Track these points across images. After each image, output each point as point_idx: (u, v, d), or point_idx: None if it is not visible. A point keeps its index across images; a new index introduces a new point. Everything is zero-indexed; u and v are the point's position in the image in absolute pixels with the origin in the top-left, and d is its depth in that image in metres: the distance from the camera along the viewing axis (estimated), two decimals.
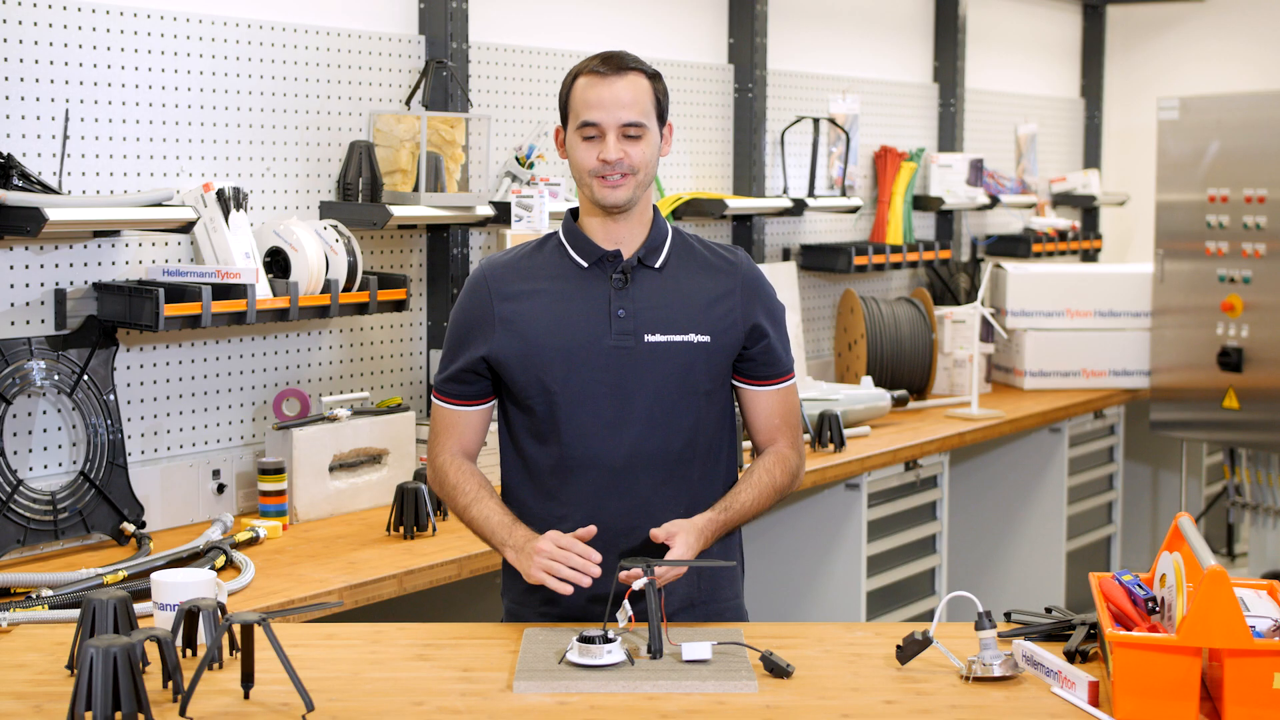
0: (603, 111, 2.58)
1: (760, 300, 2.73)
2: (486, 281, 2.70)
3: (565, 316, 2.65)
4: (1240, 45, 7.19)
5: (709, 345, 2.67)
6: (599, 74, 2.59)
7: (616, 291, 2.65)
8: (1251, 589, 2.47)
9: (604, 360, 2.63)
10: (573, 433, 2.66)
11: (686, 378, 2.66)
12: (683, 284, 2.68)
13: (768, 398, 2.76)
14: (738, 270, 2.73)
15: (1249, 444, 5.83)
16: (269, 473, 3.59)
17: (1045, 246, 6.63)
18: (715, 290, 2.69)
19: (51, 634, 2.70)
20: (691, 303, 2.67)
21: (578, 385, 2.64)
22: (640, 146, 2.60)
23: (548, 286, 2.67)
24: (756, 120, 5.30)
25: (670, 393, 2.66)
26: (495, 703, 2.34)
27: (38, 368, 3.33)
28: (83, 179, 3.46)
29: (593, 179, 2.61)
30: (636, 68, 2.61)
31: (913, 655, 2.49)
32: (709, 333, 2.67)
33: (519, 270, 2.70)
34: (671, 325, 2.65)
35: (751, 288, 2.72)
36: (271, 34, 3.82)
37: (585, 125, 2.59)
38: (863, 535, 4.64)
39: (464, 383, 2.73)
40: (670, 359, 2.65)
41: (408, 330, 4.24)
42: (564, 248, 2.70)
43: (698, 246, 2.75)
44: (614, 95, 2.58)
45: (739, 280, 2.71)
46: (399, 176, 3.99)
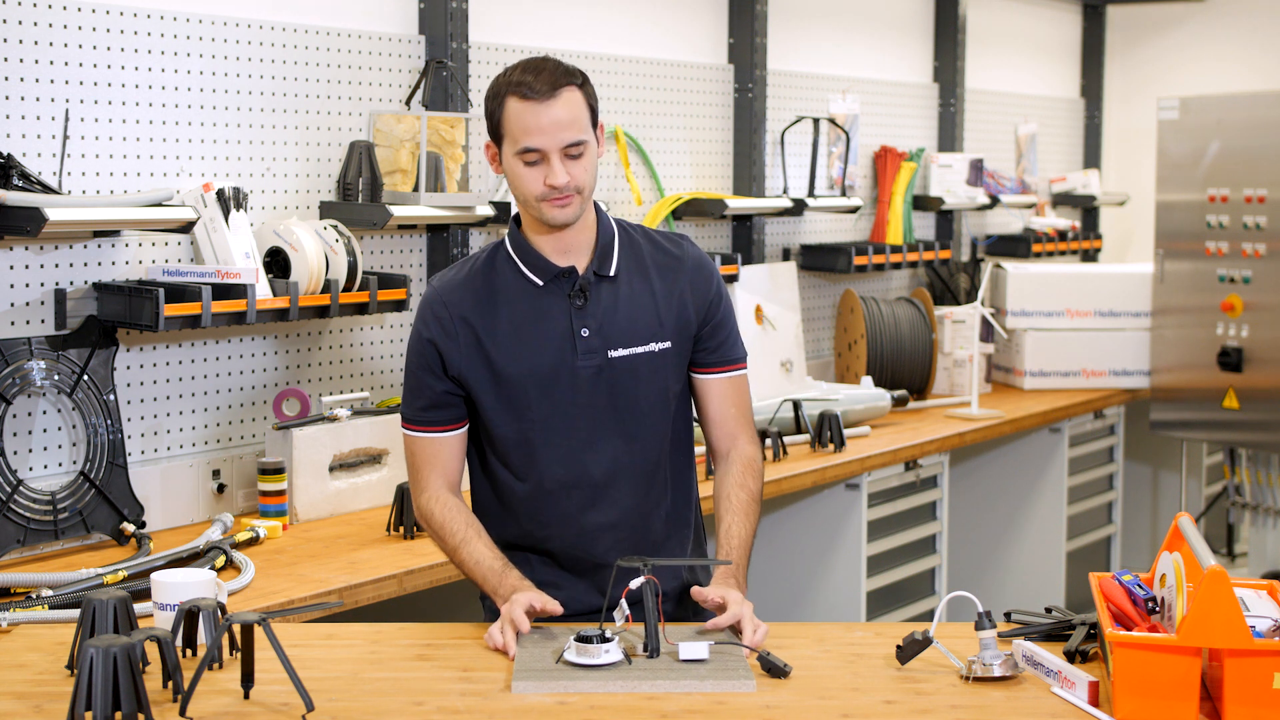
0: (544, 137, 2.50)
1: (707, 290, 2.70)
2: (445, 304, 2.63)
3: (530, 340, 2.61)
4: (1240, 45, 7.19)
5: (670, 350, 2.67)
6: (533, 97, 2.48)
7: (577, 311, 2.61)
8: (1251, 589, 2.47)
9: (574, 381, 2.61)
10: (550, 456, 2.64)
11: (655, 386, 2.66)
12: (637, 291, 2.65)
13: (721, 386, 2.74)
14: (684, 265, 2.70)
15: (1249, 444, 5.83)
16: (269, 473, 3.59)
17: (1045, 246, 6.63)
18: (666, 291, 2.67)
19: (51, 634, 2.70)
20: (648, 310, 2.65)
21: (550, 409, 2.62)
22: (583, 163, 2.54)
23: (507, 310, 2.62)
24: (756, 120, 5.30)
25: (643, 404, 2.66)
26: (495, 703, 2.34)
27: (38, 368, 3.33)
28: (83, 179, 3.46)
29: (540, 202, 2.54)
30: (568, 82, 2.52)
31: (913, 655, 2.49)
32: (669, 337, 2.66)
33: (475, 291, 2.63)
34: (634, 337, 2.63)
35: (698, 279, 2.69)
36: (271, 34, 3.82)
37: (527, 151, 2.51)
38: (863, 535, 4.64)
39: (440, 407, 2.66)
40: (638, 371, 2.64)
41: (408, 330, 4.24)
42: (516, 264, 2.64)
43: (643, 242, 2.70)
44: (553, 118, 2.49)
45: (686, 275, 2.69)
46: (399, 176, 3.99)
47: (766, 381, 5.06)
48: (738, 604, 2.56)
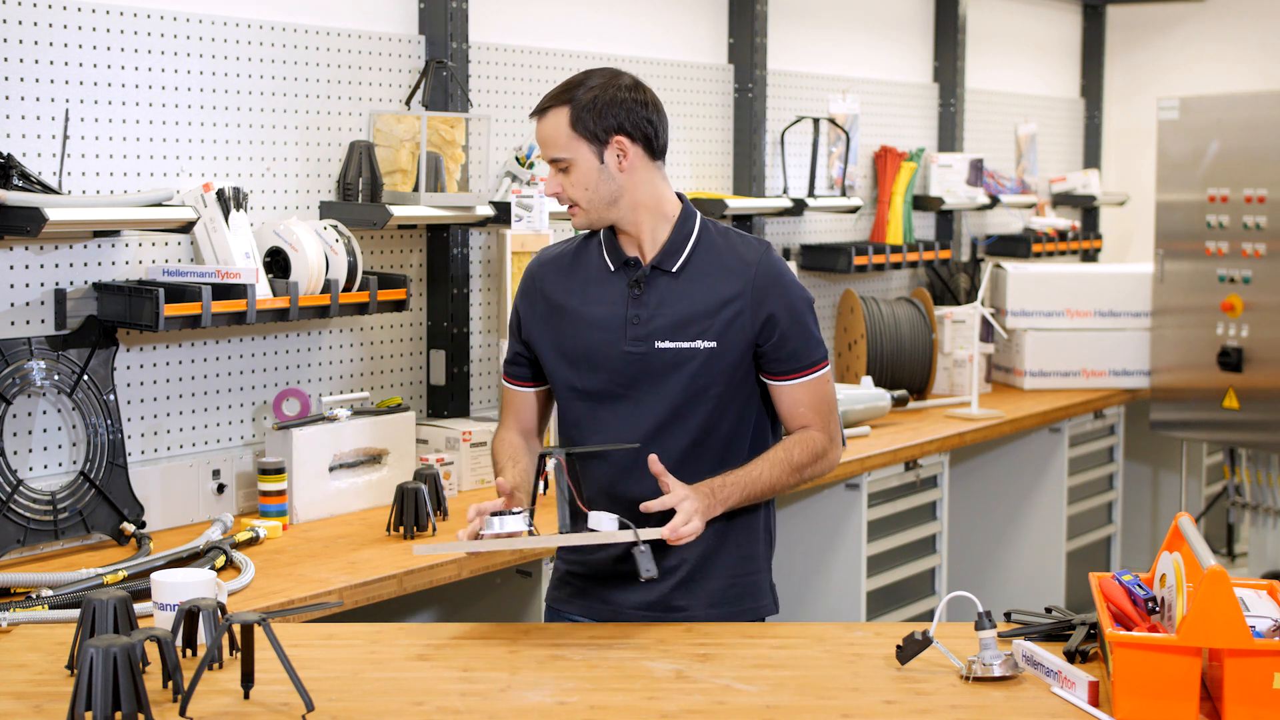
0: (541, 152, 2.76)
1: (773, 297, 2.74)
2: (534, 276, 2.86)
3: (591, 318, 2.77)
4: (1240, 45, 7.19)
5: (715, 350, 2.72)
6: (534, 115, 2.74)
7: (633, 298, 2.75)
8: (1251, 589, 2.47)
9: (619, 364, 2.74)
10: (591, 427, 2.79)
11: (694, 382, 2.73)
12: (696, 289, 2.74)
13: (791, 392, 2.79)
14: (749, 270, 2.75)
15: (1249, 444, 5.83)
16: (269, 473, 3.59)
17: (1045, 246, 6.63)
18: (725, 293, 2.73)
19: (51, 634, 2.70)
20: (701, 308, 2.73)
21: (596, 385, 2.77)
22: (570, 178, 2.70)
23: (582, 288, 2.80)
24: (756, 120, 5.30)
25: (678, 396, 2.74)
26: (495, 703, 2.34)
27: (38, 368, 3.33)
28: (83, 179, 3.46)
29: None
30: (556, 103, 2.69)
31: (913, 655, 2.49)
32: (715, 338, 2.72)
33: (562, 268, 2.83)
34: (680, 332, 2.72)
35: (763, 287, 2.74)
36: (271, 34, 3.82)
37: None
38: (863, 535, 4.64)
39: (518, 365, 2.92)
40: (679, 365, 2.73)
41: (408, 330, 4.24)
42: (601, 249, 2.81)
43: (722, 245, 2.78)
44: (540, 136, 2.73)
45: (750, 281, 2.74)
46: (399, 176, 3.99)
47: None
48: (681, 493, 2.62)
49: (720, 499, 2.70)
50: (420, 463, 3.90)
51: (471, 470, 4.02)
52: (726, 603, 2.84)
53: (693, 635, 2.72)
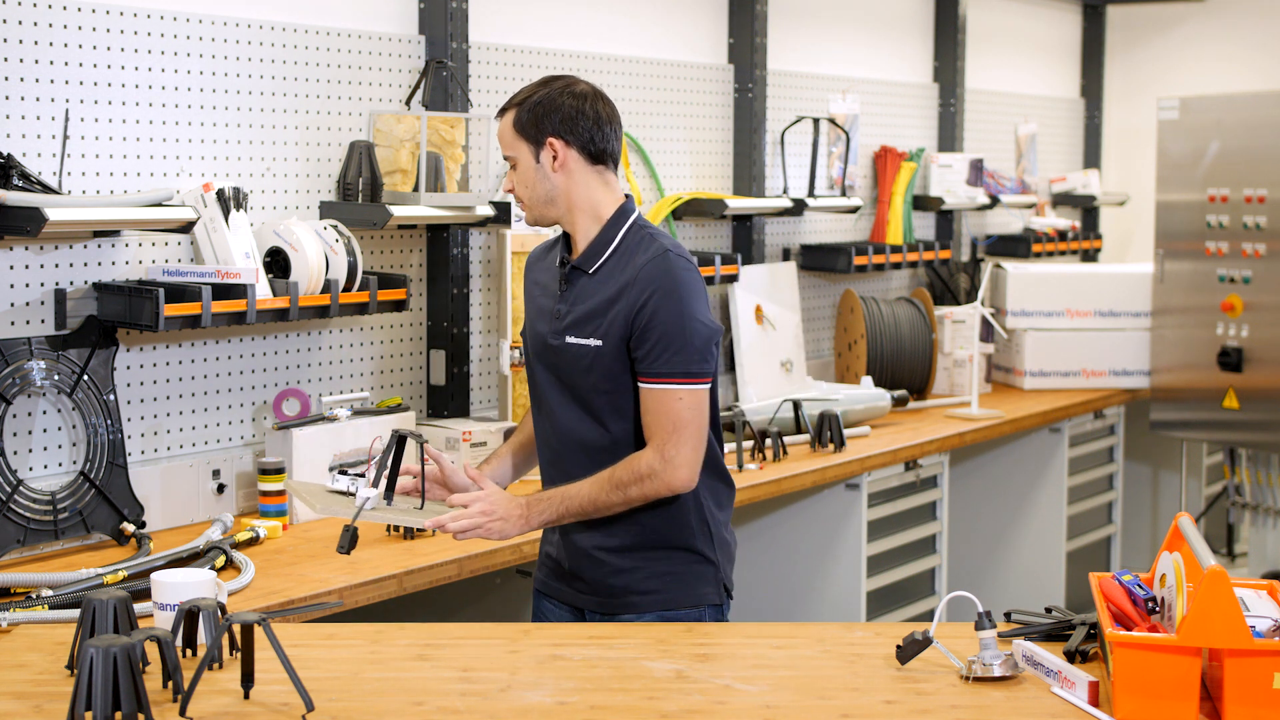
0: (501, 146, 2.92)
1: (649, 301, 2.79)
2: (528, 261, 3.09)
3: (537, 309, 2.98)
4: (1240, 45, 7.19)
5: (601, 349, 2.84)
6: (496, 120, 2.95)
7: (560, 295, 2.92)
8: (1251, 589, 2.47)
9: (547, 355, 2.93)
10: (534, 412, 3.01)
11: (588, 377, 2.87)
12: (600, 290, 2.86)
13: (644, 395, 2.83)
14: (632, 272, 2.83)
15: (1249, 444, 5.83)
16: (269, 473, 3.59)
17: (1045, 246, 6.63)
18: (614, 294, 2.84)
19: (51, 634, 2.70)
20: (598, 308, 2.85)
21: (536, 372, 2.97)
22: (516, 175, 2.89)
23: (544, 278, 2.99)
24: (756, 120, 5.30)
25: (583, 389, 2.88)
26: (495, 703, 2.34)
27: (38, 368, 3.33)
28: (83, 179, 3.46)
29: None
30: (509, 106, 2.90)
31: (913, 655, 2.49)
32: (602, 337, 2.84)
33: (540, 261, 3.04)
34: (582, 329, 2.87)
35: (643, 288, 2.80)
36: (271, 34, 3.82)
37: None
38: (863, 535, 4.64)
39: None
40: (579, 359, 2.87)
41: (408, 330, 4.24)
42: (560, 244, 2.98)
43: (634, 249, 2.86)
44: (497, 136, 2.93)
45: (633, 282, 2.82)
46: (399, 176, 3.99)
47: (766, 381, 5.07)
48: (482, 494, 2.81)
49: (536, 512, 2.82)
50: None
51: None
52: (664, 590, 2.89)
53: (693, 635, 2.72)
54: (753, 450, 4.45)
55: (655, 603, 2.88)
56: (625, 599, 2.89)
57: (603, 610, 2.90)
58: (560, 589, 2.98)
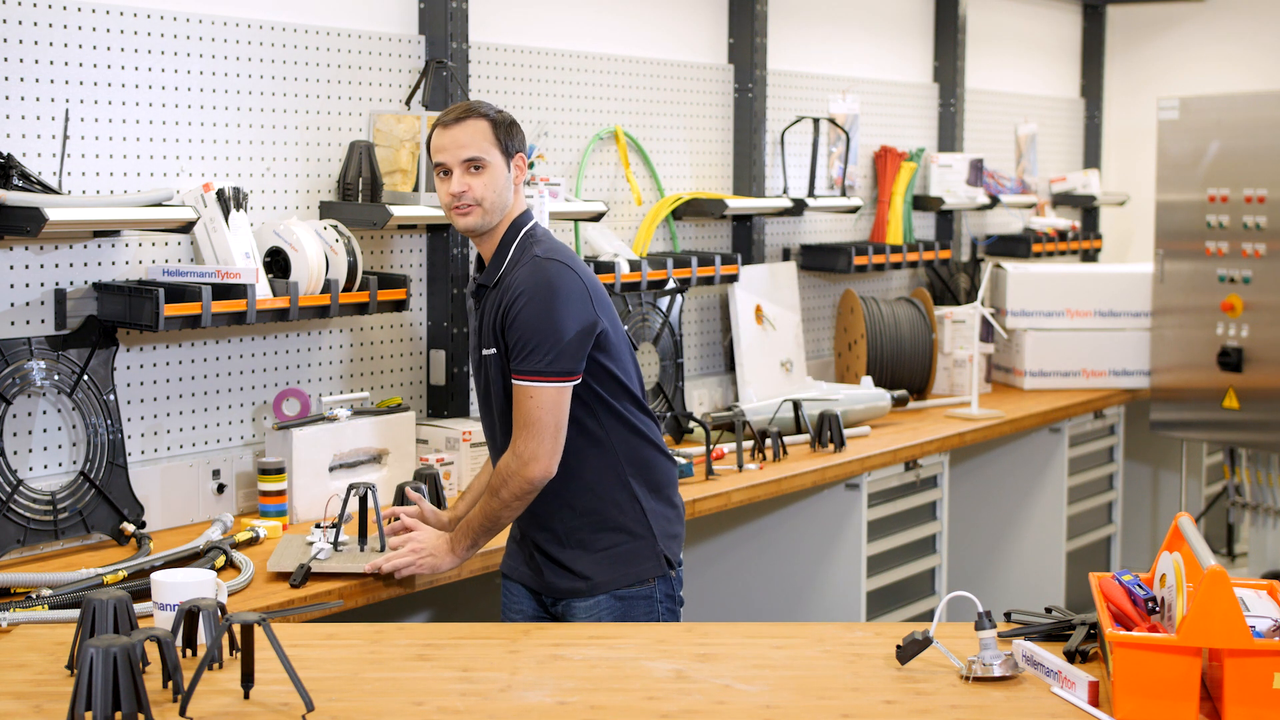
0: (446, 154, 3.03)
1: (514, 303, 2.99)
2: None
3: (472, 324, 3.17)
4: (1240, 45, 7.19)
5: (496, 356, 3.05)
6: (443, 125, 3.04)
7: (473, 311, 3.14)
8: (1251, 589, 2.47)
9: (476, 365, 3.13)
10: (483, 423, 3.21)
11: (497, 385, 3.07)
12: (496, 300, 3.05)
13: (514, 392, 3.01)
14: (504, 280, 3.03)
15: (1249, 444, 5.83)
16: (269, 473, 3.59)
17: (1045, 246, 6.63)
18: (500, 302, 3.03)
19: (51, 634, 2.70)
20: (491, 318, 3.05)
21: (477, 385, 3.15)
22: (483, 179, 3.02)
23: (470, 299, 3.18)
24: (756, 120, 5.30)
25: (502, 395, 3.07)
26: (495, 703, 2.34)
27: (38, 368, 3.33)
28: (83, 179, 3.46)
29: (450, 211, 3.05)
30: (474, 114, 3.03)
31: (913, 655, 2.50)
32: (494, 345, 3.05)
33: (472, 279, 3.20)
34: (484, 340, 3.08)
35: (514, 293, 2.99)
36: (271, 34, 3.82)
37: (436, 166, 3.06)
38: (863, 535, 4.64)
39: None
40: (493, 368, 3.07)
41: (408, 330, 4.24)
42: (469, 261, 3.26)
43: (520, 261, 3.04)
44: (454, 139, 3.02)
45: (502, 290, 3.03)
46: (399, 176, 3.99)
47: (766, 381, 5.07)
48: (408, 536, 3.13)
49: (457, 543, 3.10)
50: (420, 463, 3.90)
51: (471, 470, 4.02)
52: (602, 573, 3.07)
53: (693, 635, 2.72)
54: (753, 450, 4.45)
55: (600, 586, 3.06)
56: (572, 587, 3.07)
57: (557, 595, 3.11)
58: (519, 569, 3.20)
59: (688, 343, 5.15)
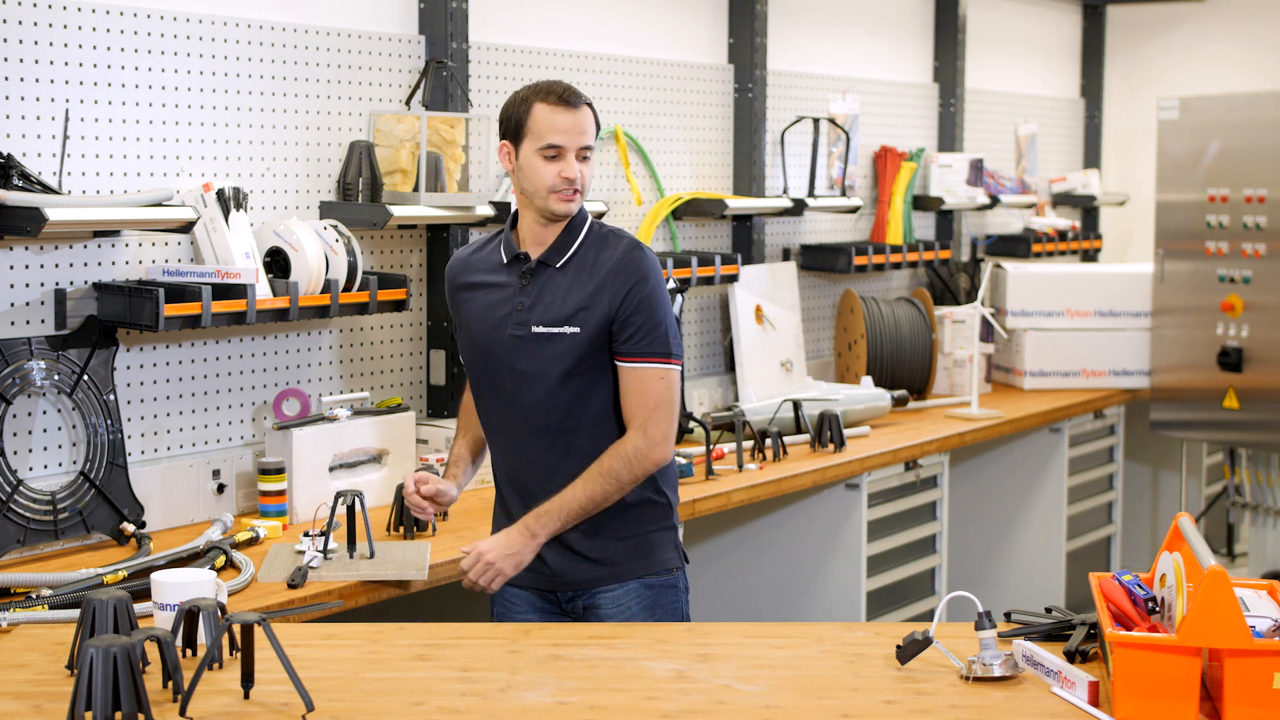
0: (567, 137, 2.95)
1: (625, 288, 2.97)
2: (449, 272, 3.17)
3: (489, 307, 3.05)
4: (1240, 45, 7.19)
5: (578, 336, 2.98)
6: (564, 104, 2.96)
7: (521, 288, 3.02)
8: (1251, 589, 2.47)
9: (507, 346, 3.02)
10: (489, 405, 3.09)
11: (561, 364, 2.99)
12: (573, 282, 3.00)
13: (625, 375, 2.99)
14: (611, 264, 2.99)
15: (1249, 444, 5.83)
16: (269, 473, 3.59)
17: (1045, 246, 6.63)
18: (592, 286, 2.99)
19: (51, 634, 2.70)
20: (573, 299, 2.99)
21: (492, 367, 3.05)
22: (588, 167, 3.00)
23: (484, 279, 3.08)
24: (756, 120, 5.30)
25: (550, 375, 2.99)
26: (495, 703, 2.34)
27: (38, 368, 3.33)
28: (83, 179, 3.46)
29: (551, 194, 2.97)
30: (586, 102, 3.01)
31: (913, 655, 2.49)
32: (579, 325, 2.98)
33: (470, 264, 3.13)
34: (554, 319, 2.99)
35: (619, 277, 2.97)
36: (271, 34, 3.82)
37: (550, 147, 2.95)
38: (863, 535, 4.64)
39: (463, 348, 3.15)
40: (550, 347, 2.99)
41: (408, 330, 4.24)
42: (499, 247, 3.09)
43: (605, 245, 3.03)
44: (575, 123, 2.97)
45: (609, 273, 2.98)
46: (399, 176, 3.99)
47: (766, 381, 5.07)
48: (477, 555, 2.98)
49: (540, 528, 2.97)
50: (420, 462, 3.91)
51: None
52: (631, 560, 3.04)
53: (693, 635, 2.72)
54: (753, 450, 4.45)
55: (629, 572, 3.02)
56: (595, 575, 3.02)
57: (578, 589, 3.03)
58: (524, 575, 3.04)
59: (688, 343, 5.15)
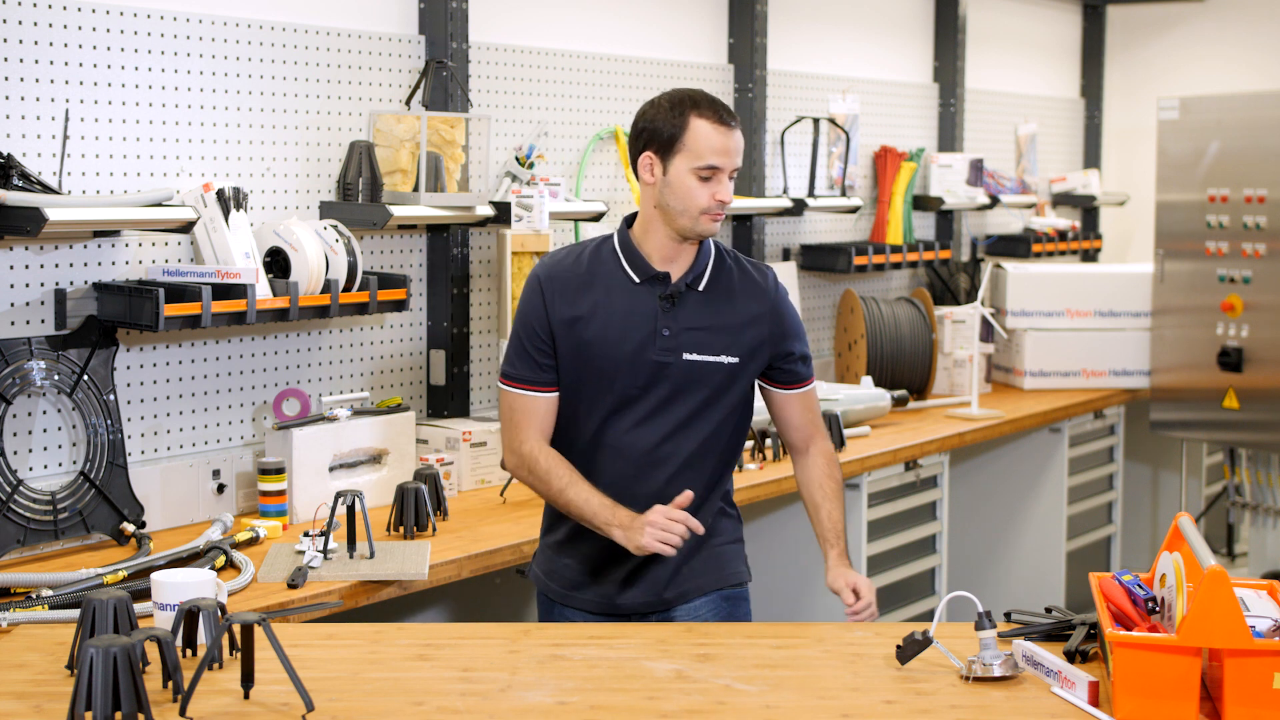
0: (726, 158, 2.84)
1: (786, 322, 2.99)
2: (542, 286, 2.93)
3: (617, 327, 2.89)
4: (1240, 45, 7.19)
5: (737, 365, 2.93)
6: (724, 124, 2.83)
7: (664, 312, 2.89)
8: (1251, 589, 2.47)
9: (647, 371, 2.89)
10: (613, 428, 2.92)
11: (715, 393, 2.93)
12: (721, 307, 2.93)
13: (799, 399, 3.05)
14: (767, 296, 2.97)
15: (1249, 444, 5.83)
16: (269, 473, 3.59)
17: (1045, 246, 6.63)
18: (747, 314, 2.94)
19: (51, 634, 2.70)
20: (727, 326, 2.92)
21: (620, 390, 2.90)
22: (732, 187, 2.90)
23: (603, 298, 2.90)
24: (756, 120, 5.30)
25: (698, 404, 2.92)
26: (495, 703, 2.34)
27: (38, 368, 3.33)
28: (83, 179, 3.46)
29: (702, 215, 2.85)
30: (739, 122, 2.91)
31: (913, 655, 2.50)
32: (739, 354, 2.93)
33: (575, 277, 2.92)
34: (708, 347, 2.91)
35: (779, 312, 2.98)
36: (271, 34, 3.82)
37: (709, 168, 2.83)
38: (863, 535, 4.63)
39: (540, 369, 2.93)
40: (704, 376, 2.91)
41: (408, 330, 4.24)
42: (619, 260, 2.92)
43: (734, 267, 2.98)
44: (734, 145, 2.85)
45: (769, 306, 2.96)
46: (399, 176, 3.99)
47: None
48: (868, 588, 2.91)
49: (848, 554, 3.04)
50: (420, 463, 3.90)
51: (471, 470, 4.02)
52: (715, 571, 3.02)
53: (693, 635, 2.72)
54: (753, 450, 4.45)
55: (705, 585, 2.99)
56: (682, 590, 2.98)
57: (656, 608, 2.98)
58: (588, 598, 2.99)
59: None
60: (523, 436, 2.93)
